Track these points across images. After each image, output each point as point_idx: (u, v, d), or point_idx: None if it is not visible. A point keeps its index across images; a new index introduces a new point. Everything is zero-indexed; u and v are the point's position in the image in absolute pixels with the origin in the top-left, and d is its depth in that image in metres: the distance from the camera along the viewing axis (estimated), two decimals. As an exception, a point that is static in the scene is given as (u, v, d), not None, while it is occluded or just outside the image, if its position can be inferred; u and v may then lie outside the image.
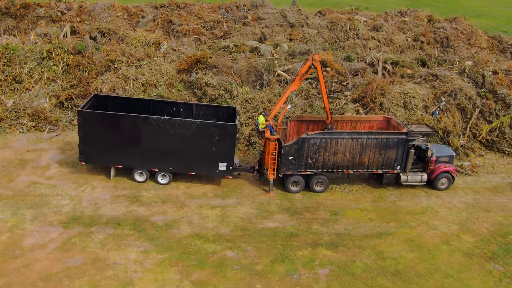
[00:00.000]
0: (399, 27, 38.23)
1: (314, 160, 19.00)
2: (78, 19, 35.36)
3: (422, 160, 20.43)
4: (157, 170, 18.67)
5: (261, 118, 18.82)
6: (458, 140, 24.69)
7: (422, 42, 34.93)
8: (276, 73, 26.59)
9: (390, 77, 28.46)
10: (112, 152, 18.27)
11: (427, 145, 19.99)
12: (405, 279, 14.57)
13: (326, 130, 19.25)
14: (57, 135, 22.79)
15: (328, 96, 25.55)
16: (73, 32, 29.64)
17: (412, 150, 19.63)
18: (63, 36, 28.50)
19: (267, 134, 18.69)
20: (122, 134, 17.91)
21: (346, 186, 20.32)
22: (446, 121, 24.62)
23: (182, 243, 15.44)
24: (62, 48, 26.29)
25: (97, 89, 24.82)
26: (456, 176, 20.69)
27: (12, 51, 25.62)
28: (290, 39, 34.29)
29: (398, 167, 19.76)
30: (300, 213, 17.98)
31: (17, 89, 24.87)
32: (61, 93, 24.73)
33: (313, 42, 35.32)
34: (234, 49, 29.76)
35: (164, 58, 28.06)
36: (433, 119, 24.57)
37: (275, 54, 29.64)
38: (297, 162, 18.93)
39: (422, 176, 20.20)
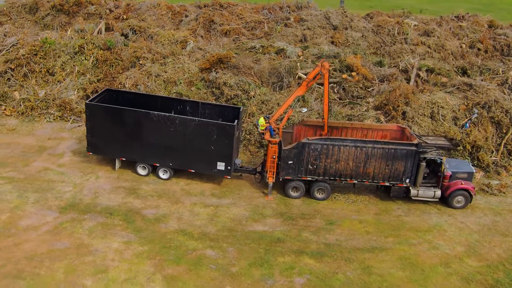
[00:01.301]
0: (454, 32, 36.43)
1: (315, 166, 18.74)
2: (125, 16, 37.54)
3: (436, 174, 19.39)
4: (159, 165, 19.42)
5: (262, 120, 18.92)
6: (490, 157, 23.08)
7: (478, 49, 32.75)
8: (297, 76, 26.48)
9: (421, 85, 27.29)
10: (116, 145, 19.31)
11: (441, 159, 18.94)
12: (386, 298, 14.01)
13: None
14: (79, 125, 24.41)
15: (349, 102, 25.28)
16: (108, 29, 31.45)
17: (423, 163, 18.70)
18: (98, 32, 30.40)
19: (267, 136, 18.75)
20: (125, 128, 18.87)
21: (351, 196, 19.80)
22: (476, 135, 23.11)
23: (166, 237, 15.96)
24: (93, 43, 28.10)
25: (120, 84, 26.28)
26: (474, 194, 19.37)
27: (49, 45, 27.83)
28: (332, 42, 33.88)
29: (407, 180, 18.92)
30: (294, 219, 17.82)
31: (50, 81, 26.96)
32: (88, 86, 26.46)
33: (356, 46, 34.76)
34: (260, 50, 30.04)
35: (189, 57, 28.99)
36: (461, 132, 23.17)
37: (301, 56, 29.54)
38: (297, 167, 18.79)
39: (435, 191, 19.18)
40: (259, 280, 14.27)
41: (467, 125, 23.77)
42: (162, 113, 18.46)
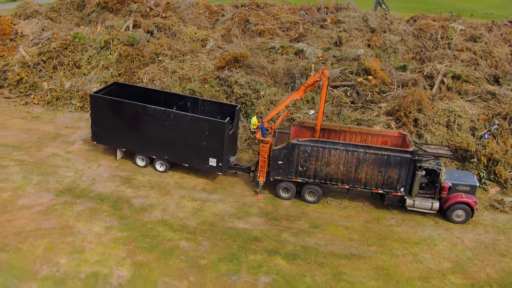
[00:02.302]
0: (506, 38, 34.62)
1: (305, 168, 18.77)
2: (163, 14, 39.42)
3: (435, 185, 18.68)
4: (155, 157, 20.38)
5: (254, 119, 19.26)
6: (510, 172, 21.77)
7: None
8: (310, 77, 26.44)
9: (443, 92, 26.26)
10: (117, 135, 20.52)
11: (440, 169, 18.22)
12: (349, 306, 13.85)
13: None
14: (96, 116, 26.07)
15: (360, 106, 24.87)
16: (135, 26, 33.15)
17: (420, 172, 18.12)
18: (125, 29, 32.17)
19: (258, 135, 19.07)
20: (125, 120, 20.01)
21: (344, 202, 19.60)
22: (494, 147, 21.90)
23: (146, 226, 16.81)
24: (118, 39, 29.82)
25: (139, 79, 27.71)
26: (476, 209, 18.43)
27: (78, 40, 29.94)
28: (368, 45, 33.50)
29: (402, 189, 18.42)
30: (278, 220, 17.99)
31: (76, 73, 28.99)
32: (110, 79, 28.13)
33: (393, 50, 34.13)
34: (279, 50, 30.31)
35: (208, 55, 29.88)
36: (477, 144, 22.06)
37: (320, 58, 29.45)
38: (287, 168, 18.92)
39: (433, 203, 18.50)
40: (223, 275, 14.66)
41: (486, 136, 22.59)
42: (158, 107, 19.38)
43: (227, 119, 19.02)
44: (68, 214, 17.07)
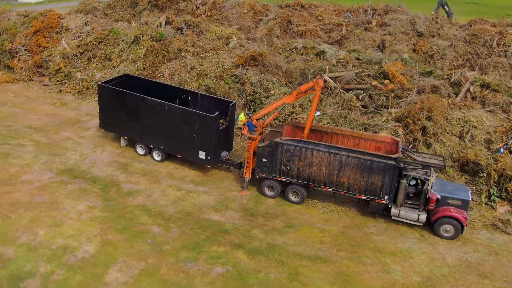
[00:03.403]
0: None
1: (288, 168, 19.00)
2: (209, 13, 41.35)
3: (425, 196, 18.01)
4: (152, 147, 21.72)
5: (242, 116, 19.81)
6: (524, 191, 20.30)
7: None
8: (323, 79, 26.38)
9: (463, 101, 24.97)
10: (120, 124, 22.15)
11: (427, 179, 17.53)
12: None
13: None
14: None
15: (370, 110, 24.42)
16: (168, 22, 35.03)
17: (404, 181, 17.59)
18: (157, 25, 34.15)
19: (244, 132, 19.61)
20: (127, 110, 21.54)
21: (329, 205, 19.54)
22: (507, 162, 20.50)
23: (126, 209, 18.09)
24: (148, 35, 31.80)
25: (160, 73, 29.43)
26: (466, 226, 17.48)
27: (113, 35, 32.39)
28: (414, 50, 32.73)
29: (386, 197, 17.99)
30: (254, 216, 18.43)
31: (107, 66, 31.41)
32: (135, 73, 30.14)
33: (440, 56, 33.08)
34: (301, 51, 30.51)
35: (230, 52, 30.86)
36: (489, 158, 20.80)
37: (342, 60, 29.24)
38: (271, 166, 19.27)
39: (419, 215, 17.86)
40: (181, 261, 15.44)
41: (501, 150, 21.20)
42: (154, 99, 20.65)
43: (216, 114, 19.78)
44: (60, 192, 18.87)
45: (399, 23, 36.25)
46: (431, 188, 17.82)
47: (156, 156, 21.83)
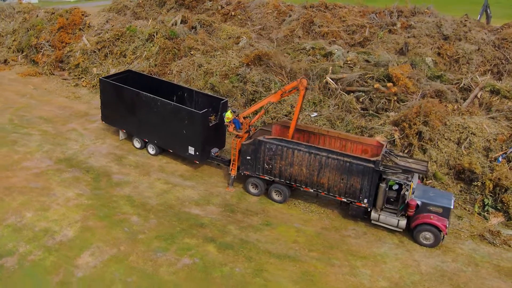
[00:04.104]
0: None
1: (271, 166, 19.31)
2: (233, 13, 42.29)
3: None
4: (147, 141, 22.65)
5: (228, 113, 20.27)
6: (522, 202, 19.58)
7: None
8: (325, 80, 26.45)
9: (475, 107, 24.27)
10: (119, 117, 23.24)
11: (407, 184, 17.27)
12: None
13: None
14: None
15: (369, 113, 24.25)
16: (183, 21, 36.06)
17: (384, 185, 17.46)
18: (173, 24, 35.26)
19: (230, 129, 20.10)
20: (125, 104, 22.59)
21: (312, 206, 19.67)
22: (504, 172, 19.84)
23: (111, 199, 19.06)
24: (161, 33, 32.94)
25: (170, 70, 30.46)
26: (446, 234, 17.12)
27: (130, 32, 33.81)
28: (438, 53, 32.15)
29: (365, 201, 17.93)
30: (234, 212, 18.88)
31: (122, 62, 32.83)
32: (146, 69, 31.36)
33: (466, 60, 32.37)
34: (309, 51, 30.62)
35: (239, 52, 31.43)
36: (484, 166, 20.20)
37: (349, 62, 29.13)
38: (254, 164, 19.65)
39: (399, 220, 17.67)
40: (151, 250, 16.14)
41: (500, 159, 20.51)
42: (148, 94, 21.54)
43: (204, 110, 20.39)
44: (55, 179, 20.13)
45: (425, 25, 35.49)
46: (413, 193, 17.59)
47: (151, 150, 22.74)
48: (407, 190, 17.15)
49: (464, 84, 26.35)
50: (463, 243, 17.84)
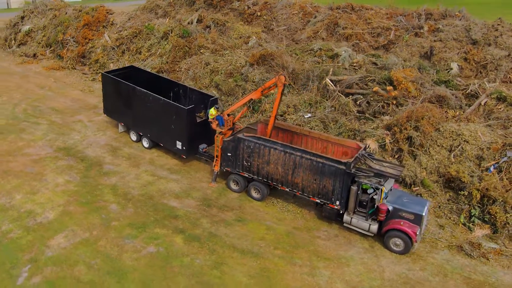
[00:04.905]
0: None
1: (249, 164, 19.78)
2: (259, 13, 43.19)
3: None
4: (142, 134, 23.79)
5: (212, 110, 20.93)
6: (510, 216, 18.92)
7: None
8: (324, 82, 26.51)
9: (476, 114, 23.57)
10: (117, 111, 24.56)
11: (379, 188, 17.18)
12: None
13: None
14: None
15: (364, 117, 24.13)
16: (199, 20, 37.16)
17: (355, 188, 17.48)
18: (189, 22, 36.45)
19: (213, 126, 20.75)
20: (123, 98, 23.85)
21: (290, 205, 19.95)
22: (493, 182, 19.23)
23: (97, 187, 20.27)
24: (175, 31, 34.20)
25: (179, 68, 31.60)
26: (416, 241, 16.87)
27: (147, 30, 35.35)
28: (465, 59, 31.53)
29: (337, 203, 18.01)
30: (210, 207, 19.52)
31: (137, 59, 34.40)
32: (157, 66, 32.71)
33: (494, 66, 31.58)
34: (317, 52, 30.74)
35: (248, 51, 32.05)
36: (473, 176, 19.66)
37: (355, 64, 29.02)
38: (234, 161, 20.20)
39: (370, 224, 17.62)
40: (120, 237, 17.11)
41: (491, 169, 19.88)
42: (143, 89, 22.64)
43: (189, 106, 21.19)
44: (50, 166, 21.66)
45: (453, 29, 34.60)
46: (385, 198, 17.47)
47: (145, 143, 23.86)
48: (376, 194, 17.06)
49: (471, 90, 25.56)
50: (438, 253, 17.49)
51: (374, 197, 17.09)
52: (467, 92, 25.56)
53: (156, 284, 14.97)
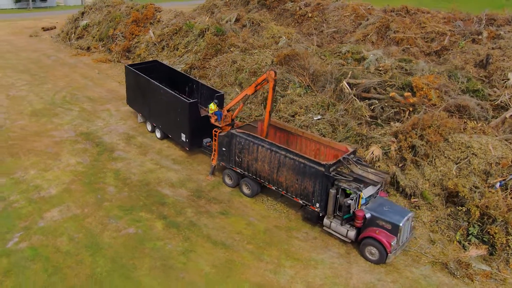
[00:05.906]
0: None
1: (240, 160, 20.53)
2: (310, 14, 44.10)
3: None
4: (155, 125, 25.49)
5: (212, 105, 21.90)
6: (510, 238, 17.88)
7: None
8: (341, 84, 26.40)
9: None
10: (137, 102, 26.50)
11: (357, 193, 17.07)
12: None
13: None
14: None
15: (374, 123, 23.87)
16: (237, 19, 38.41)
17: (333, 191, 17.54)
18: (227, 21, 37.84)
19: (212, 120, 21.75)
20: (141, 90, 25.72)
21: (278, 205, 20.39)
22: (495, 200, 18.24)
23: (102, 170, 22.18)
24: (211, 30, 35.75)
25: (208, 64, 33.09)
26: (390, 252, 16.56)
27: (187, 27, 37.35)
28: None
29: (317, 205, 18.19)
30: (199, 198, 20.56)
31: (174, 55, 36.48)
32: (192, 63, 34.47)
33: None
34: (344, 55, 30.60)
35: (277, 51, 32.67)
36: (475, 191, 18.78)
37: (381, 69, 28.56)
38: (228, 156, 21.06)
39: (348, 230, 17.60)
40: (108, 217, 18.69)
41: (497, 186, 18.84)
42: (156, 83, 24.27)
43: (191, 101, 22.39)
44: (67, 148, 24.05)
45: None
46: (365, 204, 17.32)
47: (158, 134, 25.52)
48: (352, 199, 16.97)
49: (501, 102, 24.10)
50: (418, 267, 16.98)
51: (350, 202, 17.00)
52: (495, 103, 24.10)
53: (124, 261, 16.28)
